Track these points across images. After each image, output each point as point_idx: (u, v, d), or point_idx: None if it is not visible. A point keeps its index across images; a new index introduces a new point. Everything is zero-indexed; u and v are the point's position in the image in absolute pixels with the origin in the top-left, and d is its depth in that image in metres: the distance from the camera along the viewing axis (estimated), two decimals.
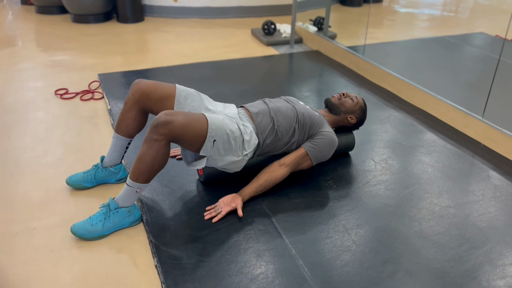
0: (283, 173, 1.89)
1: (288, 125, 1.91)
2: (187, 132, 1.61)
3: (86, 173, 1.95)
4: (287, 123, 1.91)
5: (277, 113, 1.91)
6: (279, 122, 1.90)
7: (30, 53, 3.71)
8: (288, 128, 1.91)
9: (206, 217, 1.78)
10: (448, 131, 2.55)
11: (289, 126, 1.91)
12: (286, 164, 1.90)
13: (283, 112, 1.92)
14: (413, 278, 1.52)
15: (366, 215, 1.82)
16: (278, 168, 1.89)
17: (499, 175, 2.13)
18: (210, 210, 1.81)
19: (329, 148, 1.96)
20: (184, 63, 3.53)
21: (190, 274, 1.51)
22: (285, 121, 1.91)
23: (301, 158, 1.92)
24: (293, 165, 1.91)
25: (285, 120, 1.91)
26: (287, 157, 1.92)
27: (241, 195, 1.83)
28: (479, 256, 1.63)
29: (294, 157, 1.91)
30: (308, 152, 1.92)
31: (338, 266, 1.56)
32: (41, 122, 2.55)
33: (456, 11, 5.72)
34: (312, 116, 1.97)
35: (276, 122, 1.89)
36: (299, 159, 1.92)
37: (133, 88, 1.83)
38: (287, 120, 1.91)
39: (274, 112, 1.91)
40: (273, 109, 1.92)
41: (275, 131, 1.89)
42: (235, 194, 1.84)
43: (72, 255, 1.61)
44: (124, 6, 4.58)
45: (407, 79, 2.97)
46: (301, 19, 4.33)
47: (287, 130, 1.91)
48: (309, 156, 1.93)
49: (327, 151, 1.96)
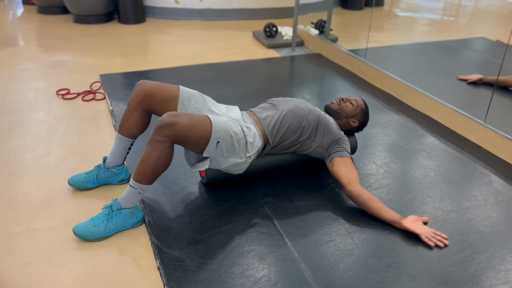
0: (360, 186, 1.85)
1: (296, 126, 1.91)
2: (191, 134, 1.61)
3: (88, 173, 1.95)
4: (296, 123, 1.91)
5: (287, 114, 1.91)
6: (288, 123, 1.90)
7: (32, 53, 3.70)
8: (297, 128, 1.91)
9: (441, 245, 1.68)
10: (450, 135, 2.56)
11: (298, 126, 1.91)
12: (359, 178, 1.85)
13: (293, 112, 1.92)
14: (416, 283, 1.52)
15: (369, 219, 1.82)
16: (360, 186, 1.83)
17: (501, 180, 2.13)
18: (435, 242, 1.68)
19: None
20: (185, 64, 3.53)
21: (192, 277, 1.51)
22: (295, 121, 1.91)
23: (353, 165, 1.92)
24: (358, 175, 1.88)
25: (295, 120, 1.91)
26: (351, 174, 1.85)
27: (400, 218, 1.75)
28: (481, 261, 1.63)
29: (354, 169, 1.88)
30: (351, 159, 1.94)
31: (341, 269, 1.56)
32: (42, 123, 2.54)
33: (457, 15, 5.73)
34: (328, 120, 1.99)
35: (285, 124, 1.89)
36: (354, 167, 1.91)
37: (137, 89, 1.83)
38: (297, 120, 1.91)
39: (283, 114, 1.91)
40: (282, 111, 1.92)
41: (283, 132, 1.89)
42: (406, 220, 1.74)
43: (74, 256, 1.60)
44: (125, 7, 4.59)
45: (408, 83, 2.97)
46: (303, 22, 4.34)
47: (295, 131, 1.92)
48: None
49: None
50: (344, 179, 1.84)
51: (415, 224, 1.74)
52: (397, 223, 1.75)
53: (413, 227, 1.72)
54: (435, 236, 1.71)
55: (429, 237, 1.70)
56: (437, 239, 1.70)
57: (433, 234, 1.71)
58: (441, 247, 1.68)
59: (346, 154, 1.93)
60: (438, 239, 1.70)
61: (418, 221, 1.76)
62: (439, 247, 1.68)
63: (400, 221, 1.74)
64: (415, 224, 1.74)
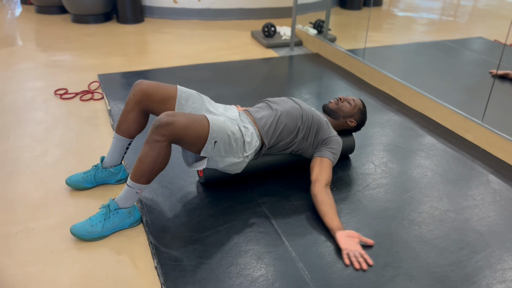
0: (328, 189, 1.85)
1: (293, 126, 1.92)
2: (188, 133, 1.61)
3: (86, 173, 1.95)
4: (292, 123, 1.91)
5: (282, 115, 1.91)
6: (284, 124, 1.90)
7: (30, 53, 3.70)
8: (293, 128, 1.92)
9: (364, 267, 1.55)
10: (447, 135, 2.56)
11: (294, 127, 1.92)
12: (326, 180, 1.85)
13: (288, 112, 1.92)
14: (413, 282, 1.52)
15: (366, 218, 1.82)
16: (327, 188, 1.83)
17: (498, 180, 2.14)
18: (354, 260, 1.57)
19: (340, 151, 2.00)
20: (184, 64, 3.53)
21: (190, 276, 1.51)
22: (290, 122, 1.91)
23: (331, 167, 1.92)
24: (329, 177, 1.88)
25: (290, 121, 1.91)
26: (323, 174, 1.85)
27: (340, 228, 1.67)
28: (479, 260, 1.63)
29: (328, 170, 1.88)
30: (333, 161, 1.93)
31: (339, 269, 1.56)
32: (40, 122, 2.54)
33: (455, 15, 5.74)
34: (320, 120, 1.98)
35: (281, 124, 1.89)
36: (330, 169, 1.91)
37: (135, 89, 1.83)
38: (292, 121, 1.92)
39: (278, 115, 1.91)
40: (277, 112, 1.92)
41: (279, 133, 1.89)
42: (340, 233, 1.65)
43: (71, 256, 1.60)
44: (124, 6, 4.58)
45: (407, 83, 2.97)
46: (301, 21, 4.34)
47: (291, 131, 1.92)
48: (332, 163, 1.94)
49: (339, 154, 2.00)
50: (312, 177, 1.86)
51: (344, 239, 1.63)
52: (332, 231, 1.68)
53: (341, 241, 1.63)
54: (359, 256, 1.59)
55: (350, 255, 1.58)
56: (358, 259, 1.58)
57: (358, 255, 1.59)
58: (358, 269, 1.56)
59: (327, 155, 1.92)
60: (360, 260, 1.58)
61: (353, 239, 1.64)
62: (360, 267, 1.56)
63: (336, 231, 1.66)
64: (345, 239, 1.63)
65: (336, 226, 1.68)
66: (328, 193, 1.81)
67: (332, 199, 1.78)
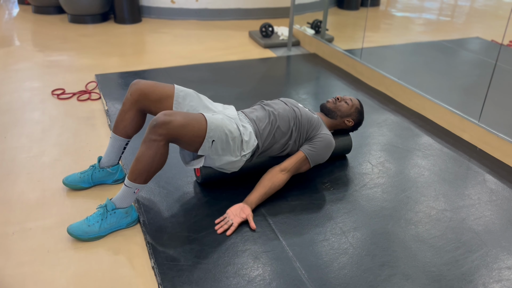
0: (285, 178, 1.89)
1: (286, 128, 1.91)
2: (186, 132, 1.61)
3: (83, 173, 1.94)
4: (285, 125, 1.91)
5: (276, 117, 1.91)
6: (277, 126, 1.90)
7: (27, 53, 3.69)
8: (286, 130, 1.92)
9: (219, 231, 1.70)
10: (444, 135, 2.57)
11: (287, 129, 1.92)
12: (287, 169, 1.90)
13: (281, 115, 1.92)
14: (409, 281, 1.53)
15: (363, 218, 1.83)
16: (280, 174, 1.88)
17: (495, 179, 2.15)
18: (221, 223, 1.73)
19: (327, 150, 1.97)
20: (181, 64, 3.53)
21: (187, 276, 1.51)
22: (283, 124, 1.91)
23: (301, 162, 1.93)
24: (294, 169, 1.92)
25: (283, 123, 1.91)
26: (287, 161, 1.91)
27: (248, 204, 1.80)
28: (475, 259, 1.64)
29: (295, 162, 1.91)
30: (307, 156, 1.92)
31: (335, 268, 1.57)
32: (37, 123, 2.54)
33: (452, 16, 5.75)
34: (311, 118, 1.97)
35: (274, 126, 1.89)
36: (299, 163, 1.92)
37: (132, 89, 1.83)
38: (285, 123, 1.92)
39: (273, 117, 1.91)
40: (271, 114, 1.92)
41: (273, 135, 1.89)
42: (242, 204, 1.79)
43: (68, 256, 1.60)
44: (121, 7, 4.58)
45: (404, 83, 2.98)
46: (299, 22, 4.34)
47: (285, 133, 1.92)
48: (308, 160, 1.93)
49: (325, 153, 1.97)
50: (282, 166, 1.91)
51: (236, 208, 1.78)
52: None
53: (233, 207, 1.78)
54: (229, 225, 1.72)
55: (224, 220, 1.74)
56: (224, 226, 1.72)
57: (229, 223, 1.72)
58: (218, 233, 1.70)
59: (304, 148, 1.94)
60: (224, 227, 1.71)
61: (242, 213, 1.76)
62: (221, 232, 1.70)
63: (244, 202, 1.80)
64: (236, 208, 1.77)
65: (248, 199, 1.81)
66: (273, 176, 1.87)
67: (271, 182, 1.85)
